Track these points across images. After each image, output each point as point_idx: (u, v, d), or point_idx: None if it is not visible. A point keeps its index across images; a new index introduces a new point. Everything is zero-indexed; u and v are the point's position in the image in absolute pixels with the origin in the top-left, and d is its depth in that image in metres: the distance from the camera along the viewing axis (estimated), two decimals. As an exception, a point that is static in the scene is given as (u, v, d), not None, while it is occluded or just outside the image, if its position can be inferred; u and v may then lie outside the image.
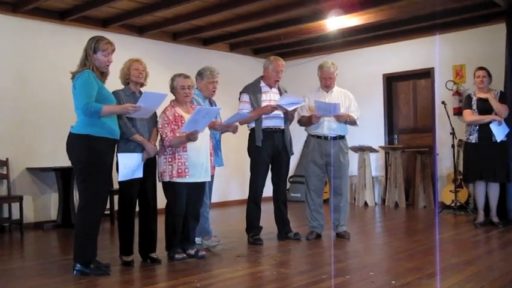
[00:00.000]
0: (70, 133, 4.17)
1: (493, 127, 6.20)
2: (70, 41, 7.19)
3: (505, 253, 5.09)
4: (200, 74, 5.32)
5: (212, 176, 5.28)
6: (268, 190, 5.78)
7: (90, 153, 4.09)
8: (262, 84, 5.70)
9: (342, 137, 5.73)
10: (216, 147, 5.31)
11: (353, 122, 5.71)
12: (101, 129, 4.11)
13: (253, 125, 5.59)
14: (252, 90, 5.65)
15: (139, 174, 4.50)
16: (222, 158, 5.48)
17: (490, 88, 6.40)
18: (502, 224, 6.30)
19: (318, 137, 5.68)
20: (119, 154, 4.41)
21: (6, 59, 6.90)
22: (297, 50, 9.73)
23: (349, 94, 5.79)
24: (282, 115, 5.59)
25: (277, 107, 5.47)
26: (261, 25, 8.26)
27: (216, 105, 5.46)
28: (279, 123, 5.61)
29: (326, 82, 5.71)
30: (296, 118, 5.80)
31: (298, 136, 7.44)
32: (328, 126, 5.62)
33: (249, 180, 5.70)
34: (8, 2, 6.78)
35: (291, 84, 6.01)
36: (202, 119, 4.55)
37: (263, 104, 5.56)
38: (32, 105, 7.05)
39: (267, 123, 5.55)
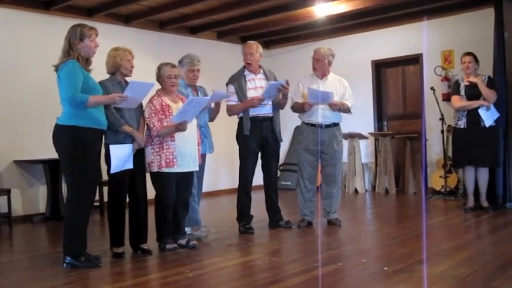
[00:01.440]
0: (56, 124, 4.11)
1: (482, 112, 6.21)
2: (55, 31, 7.00)
3: (496, 237, 5.12)
4: (180, 62, 5.27)
5: (203, 166, 5.25)
6: (258, 178, 5.76)
7: (77, 144, 4.03)
8: (246, 72, 5.65)
9: (336, 125, 5.70)
10: (202, 134, 5.25)
11: (347, 110, 5.67)
12: (87, 120, 4.05)
13: (241, 114, 5.55)
14: (236, 80, 5.60)
15: (130, 165, 4.45)
16: (212, 144, 5.42)
17: (478, 73, 6.40)
18: (491, 209, 6.34)
19: (312, 124, 5.65)
20: (110, 146, 4.35)
21: (-10, 51, 6.79)
22: (285, 37, 9.68)
23: (344, 81, 5.74)
24: (270, 102, 5.55)
25: (264, 96, 5.41)
26: (249, 13, 8.20)
27: (202, 92, 5.42)
28: (268, 111, 5.57)
29: (314, 63, 5.66)
30: (289, 103, 5.75)
31: (287, 123, 7.41)
32: (322, 114, 5.57)
33: (235, 170, 5.67)
34: (-9, -8, 6.67)
35: (279, 71, 5.96)
36: (193, 109, 4.52)
37: (249, 93, 5.52)
38: (18, 97, 6.96)
39: (255, 111, 5.51)
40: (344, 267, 4.01)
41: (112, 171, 4.37)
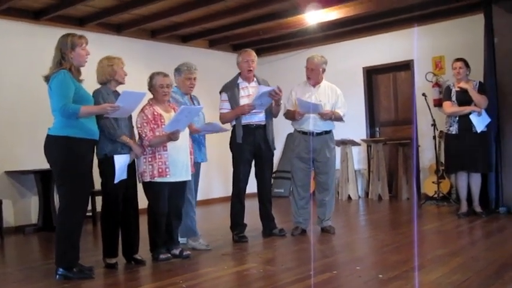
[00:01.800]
0: (48, 135, 4.08)
1: (473, 118, 6.23)
2: (46, 41, 6.96)
3: (489, 243, 5.13)
4: (177, 70, 5.23)
5: (197, 174, 5.22)
6: (252, 186, 5.74)
7: (69, 155, 4.01)
8: (240, 80, 5.64)
9: (327, 132, 5.70)
10: (199, 143, 5.24)
11: (339, 119, 5.67)
12: (79, 130, 4.03)
13: (234, 122, 5.54)
14: (230, 88, 5.59)
15: (125, 175, 4.44)
16: (206, 153, 5.41)
17: (469, 79, 6.43)
18: (484, 214, 6.35)
19: (304, 132, 5.64)
20: (114, 156, 4.32)
21: (-20, 61, 6.76)
22: (277, 45, 9.70)
23: (337, 89, 5.74)
24: (262, 111, 5.54)
25: (255, 104, 5.39)
26: (240, 21, 8.21)
27: (198, 101, 5.40)
28: (260, 119, 5.56)
29: (308, 73, 5.67)
30: (282, 111, 5.75)
31: (279, 131, 7.40)
32: (313, 123, 5.57)
33: (231, 177, 5.66)
34: (-20, 2, 6.63)
35: (271, 79, 5.96)
36: (185, 118, 4.50)
37: (241, 101, 5.50)
38: (8, 108, 6.92)
39: (247, 119, 5.50)
40: (339, 275, 4.00)
41: (116, 181, 4.34)
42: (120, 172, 4.35)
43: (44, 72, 4.17)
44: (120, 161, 4.35)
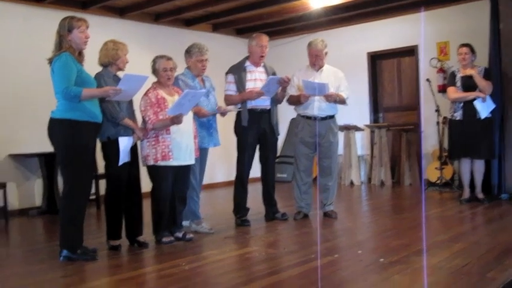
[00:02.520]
0: (51, 118, 4.09)
1: (477, 104, 6.21)
2: (48, 24, 6.88)
3: (491, 229, 5.14)
4: (188, 52, 5.19)
5: (203, 159, 5.23)
6: (254, 171, 5.76)
7: (72, 138, 4.02)
8: (248, 63, 5.62)
9: (331, 117, 5.70)
10: (210, 127, 5.23)
11: (342, 101, 5.66)
12: (82, 113, 4.04)
13: (240, 105, 5.54)
14: (237, 70, 5.58)
15: (128, 158, 4.46)
16: (218, 137, 5.38)
17: (474, 65, 6.40)
18: (487, 200, 6.36)
19: (308, 117, 5.64)
20: (119, 138, 4.34)
21: (-17, 44, 6.75)
22: (281, 29, 9.65)
23: (339, 73, 5.73)
24: (269, 97, 5.53)
25: (263, 90, 5.40)
26: (244, 4, 8.16)
27: (210, 82, 5.38)
28: (266, 104, 5.56)
29: (313, 60, 5.65)
30: (286, 97, 5.75)
31: (282, 116, 7.40)
32: (318, 107, 5.57)
33: (235, 161, 5.67)
34: (-17, -15, 6.62)
35: (275, 64, 5.94)
36: (188, 102, 4.50)
37: (248, 84, 5.50)
38: (11, 91, 6.91)
39: (253, 103, 5.50)
40: (340, 258, 4.02)
41: (120, 163, 4.36)
42: (124, 154, 4.37)
43: (46, 55, 4.18)
44: (124, 143, 4.37)
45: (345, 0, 7.78)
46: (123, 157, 4.37)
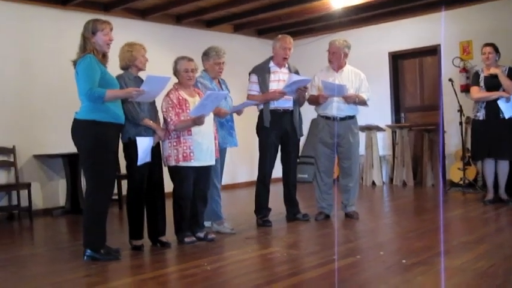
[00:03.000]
0: (75, 119, 4.15)
1: (501, 104, 6.13)
2: (72, 27, 7.03)
3: (515, 230, 5.07)
4: (206, 54, 5.23)
5: (222, 160, 5.25)
6: (277, 172, 5.76)
7: (95, 138, 4.07)
8: (272, 64, 5.63)
9: (351, 117, 5.68)
10: (229, 128, 5.26)
11: (363, 103, 5.64)
12: (105, 114, 4.09)
13: (261, 106, 5.54)
14: (261, 70, 5.59)
15: (149, 158, 4.49)
16: (236, 137, 5.41)
17: (498, 64, 6.31)
18: (511, 201, 6.27)
19: (327, 117, 5.63)
20: (137, 138, 4.37)
21: (9, 47, 6.86)
22: (302, 29, 9.64)
23: (360, 74, 5.70)
24: (292, 97, 5.54)
25: (285, 90, 5.41)
26: (265, 5, 8.17)
27: (226, 85, 5.41)
28: (288, 105, 5.56)
29: (330, 57, 5.64)
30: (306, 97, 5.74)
31: (304, 116, 7.37)
32: (337, 107, 5.55)
33: (257, 162, 5.68)
34: (9, -12, 6.73)
35: (296, 64, 5.93)
36: (211, 104, 4.53)
37: (271, 85, 5.51)
38: (36, 92, 7.03)
39: (275, 104, 5.50)
40: (362, 260, 4.01)
41: (139, 163, 4.39)
42: (144, 155, 4.40)
43: (70, 57, 4.24)
44: (143, 144, 4.39)
45: (366, 0, 7.73)
46: (143, 157, 4.40)
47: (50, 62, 7.10)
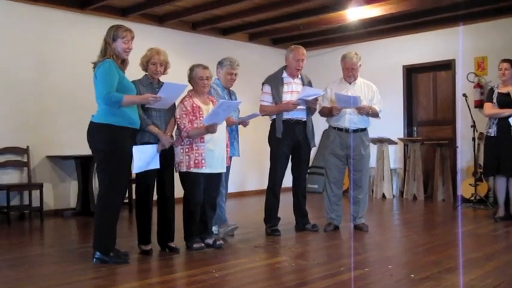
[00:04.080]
0: (91, 122, 4.20)
1: (512, 121, 6.11)
2: (90, 30, 7.22)
3: (526, 248, 5.03)
4: (220, 63, 5.32)
5: (228, 167, 5.28)
6: (287, 181, 5.77)
7: (110, 142, 4.11)
8: (285, 74, 5.65)
9: (363, 130, 5.68)
10: (233, 138, 5.31)
11: (375, 115, 5.65)
12: (121, 118, 4.13)
13: (274, 116, 5.57)
14: (274, 81, 5.62)
15: (156, 165, 4.49)
16: (238, 148, 5.46)
17: (512, 81, 6.30)
18: (522, 219, 6.23)
19: (339, 129, 5.63)
20: (133, 147, 4.37)
21: (27, 49, 6.95)
22: (317, 40, 9.67)
23: (372, 86, 5.72)
24: (304, 107, 5.56)
25: (298, 102, 5.43)
26: (281, 15, 8.22)
27: (235, 96, 5.45)
28: (301, 115, 5.58)
29: (348, 73, 5.65)
30: (317, 108, 5.75)
31: (315, 127, 7.35)
32: (349, 119, 5.56)
33: (267, 170, 5.69)
34: (29, -10, 6.83)
35: (311, 75, 5.94)
36: (223, 112, 4.55)
37: (284, 96, 5.53)
38: (52, 94, 7.11)
39: (288, 114, 5.52)
40: (370, 272, 4.00)
41: (134, 171, 4.42)
42: (142, 163, 4.38)
43: (87, 60, 4.30)
44: (139, 152, 4.37)
45: (382, 13, 7.75)
46: (140, 165, 4.38)
47: (66, 65, 7.18)
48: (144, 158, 4.42)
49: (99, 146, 4.16)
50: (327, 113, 5.67)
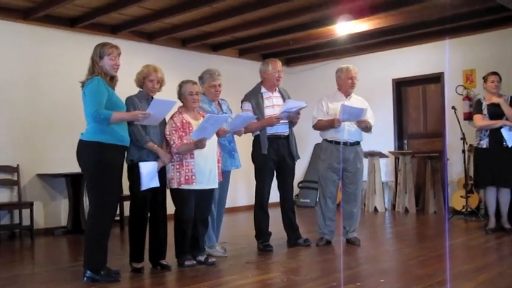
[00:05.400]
0: (80, 140, 4.19)
1: (504, 132, 6.15)
2: (80, 48, 7.19)
3: (517, 260, 5.05)
4: (201, 78, 5.25)
5: (226, 182, 5.25)
6: (275, 196, 5.75)
7: (100, 160, 4.10)
8: (263, 89, 5.63)
9: (358, 143, 5.71)
10: (231, 149, 5.28)
11: (369, 129, 5.67)
12: (110, 136, 4.12)
13: (257, 132, 5.55)
14: (254, 97, 5.58)
15: (156, 183, 4.49)
16: (239, 159, 5.41)
17: (500, 94, 6.35)
18: (513, 230, 6.25)
19: (337, 142, 5.61)
20: (140, 163, 4.38)
21: (17, 66, 6.95)
22: (306, 55, 9.73)
23: (365, 102, 5.75)
24: (287, 121, 5.56)
25: (281, 116, 5.42)
26: (270, 31, 8.27)
27: (226, 105, 5.42)
28: (283, 130, 5.57)
29: (353, 82, 5.64)
30: (311, 123, 5.73)
31: (307, 141, 7.40)
32: (348, 132, 5.57)
33: (254, 186, 5.67)
34: (19, 9, 6.84)
35: (299, 89, 6.00)
36: (211, 126, 4.55)
37: (266, 111, 5.51)
38: (42, 112, 7.09)
39: (271, 130, 5.50)
40: (362, 287, 3.99)
41: (143, 188, 4.40)
42: (149, 179, 4.41)
43: (77, 78, 4.31)
44: (146, 168, 4.40)
45: (371, 27, 7.82)
46: (147, 182, 4.40)
47: (56, 82, 7.18)
48: (150, 174, 4.42)
49: (89, 164, 4.15)
50: (326, 126, 5.63)
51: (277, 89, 5.70)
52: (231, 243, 5.58)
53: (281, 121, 5.46)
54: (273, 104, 5.56)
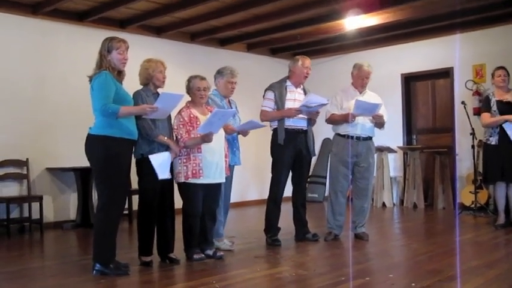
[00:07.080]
0: (88, 134, 4.20)
1: (507, 127, 6.10)
2: (88, 42, 7.19)
3: (527, 255, 5.02)
4: (220, 73, 5.29)
5: (230, 178, 5.26)
6: (287, 190, 5.75)
7: (108, 154, 4.11)
8: (288, 83, 5.66)
9: (371, 138, 5.71)
10: (233, 146, 5.30)
11: (383, 124, 5.67)
12: (118, 130, 4.13)
13: (275, 124, 5.56)
14: (278, 88, 5.61)
15: (169, 174, 4.51)
16: (240, 156, 5.44)
17: (509, 88, 6.31)
18: (523, 226, 6.22)
19: (350, 136, 5.59)
20: (149, 156, 4.39)
21: (26, 61, 6.97)
22: (315, 49, 9.68)
23: (378, 97, 5.73)
24: (306, 117, 5.56)
25: (301, 109, 5.43)
26: (279, 25, 8.24)
27: (235, 105, 5.45)
28: (302, 124, 5.57)
29: (363, 82, 5.65)
30: (324, 116, 5.73)
31: (316, 135, 7.32)
32: (362, 126, 5.56)
33: (268, 180, 5.66)
34: (27, 3, 6.85)
35: (309, 84, 5.95)
36: (218, 121, 4.56)
37: (287, 103, 5.53)
38: (51, 106, 7.12)
39: (289, 122, 5.51)
40: (371, 281, 3.98)
41: (160, 177, 4.41)
42: (162, 169, 4.41)
43: (86, 72, 4.30)
44: (157, 160, 4.41)
45: (380, 22, 7.78)
46: (161, 172, 4.41)
47: (65, 76, 7.19)
48: (162, 164, 4.42)
49: (97, 158, 4.16)
50: (340, 120, 5.61)
51: (302, 86, 5.70)
52: (239, 237, 5.59)
53: (300, 116, 5.46)
54: (294, 98, 5.58)
